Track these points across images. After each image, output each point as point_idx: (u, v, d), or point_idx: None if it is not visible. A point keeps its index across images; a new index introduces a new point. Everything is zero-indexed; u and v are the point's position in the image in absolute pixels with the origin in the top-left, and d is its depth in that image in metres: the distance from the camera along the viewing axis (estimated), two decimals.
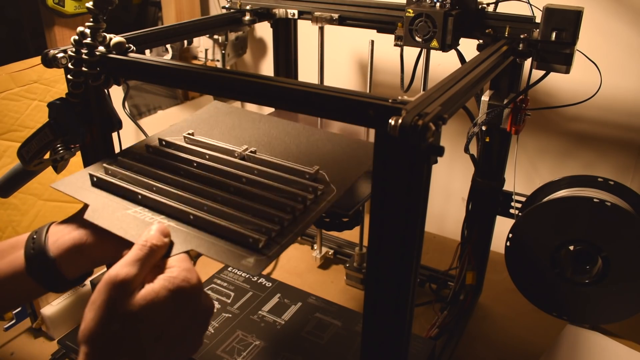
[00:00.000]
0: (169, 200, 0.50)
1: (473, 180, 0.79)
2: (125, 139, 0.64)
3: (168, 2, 1.22)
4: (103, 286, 0.41)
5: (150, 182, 0.52)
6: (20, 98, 0.84)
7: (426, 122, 0.37)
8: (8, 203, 0.82)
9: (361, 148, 0.61)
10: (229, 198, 0.49)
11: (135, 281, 0.42)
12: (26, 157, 0.59)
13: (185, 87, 1.01)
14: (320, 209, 0.49)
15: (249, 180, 0.52)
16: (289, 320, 0.74)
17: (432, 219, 1.02)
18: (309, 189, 0.51)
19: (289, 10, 0.86)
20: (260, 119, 0.68)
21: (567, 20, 0.61)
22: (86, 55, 0.54)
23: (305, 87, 0.45)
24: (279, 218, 0.47)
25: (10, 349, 0.80)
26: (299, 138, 0.63)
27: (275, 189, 0.51)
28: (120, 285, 0.41)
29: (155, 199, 0.50)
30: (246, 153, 0.57)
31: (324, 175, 0.53)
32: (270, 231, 0.45)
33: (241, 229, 0.46)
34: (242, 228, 0.46)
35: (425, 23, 0.67)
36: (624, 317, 0.69)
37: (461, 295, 0.83)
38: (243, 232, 0.45)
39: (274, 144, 0.61)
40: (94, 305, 0.41)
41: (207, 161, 0.55)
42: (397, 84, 0.81)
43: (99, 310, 0.41)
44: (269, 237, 0.45)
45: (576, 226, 0.67)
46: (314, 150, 0.60)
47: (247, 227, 0.46)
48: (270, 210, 0.48)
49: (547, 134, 1.00)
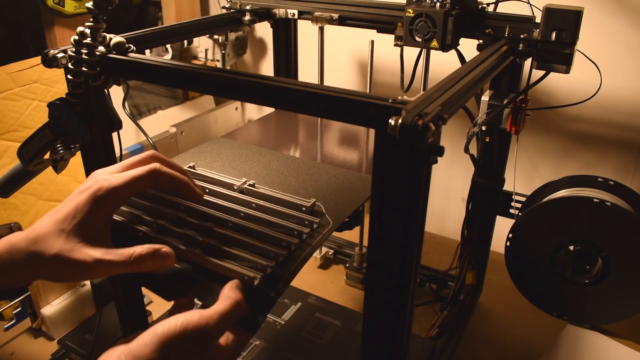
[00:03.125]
0: (169, 238, 0.50)
1: (473, 180, 0.79)
2: (125, 139, 0.64)
3: (168, 2, 1.22)
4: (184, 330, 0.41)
5: (150, 219, 0.52)
6: (20, 98, 0.84)
7: (426, 122, 0.37)
8: (8, 203, 0.82)
9: (359, 180, 0.62)
10: (227, 234, 0.50)
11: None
12: (26, 157, 0.59)
13: (185, 87, 1.01)
14: (314, 244, 0.50)
15: (247, 215, 0.53)
16: (289, 320, 0.74)
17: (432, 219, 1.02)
18: (305, 223, 0.51)
19: (289, 10, 0.86)
20: (260, 152, 0.70)
21: (567, 20, 0.61)
22: (86, 55, 0.54)
23: (305, 87, 0.45)
24: (274, 254, 0.47)
25: (10, 349, 0.80)
26: (298, 171, 0.65)
27: (272, 224, 0.51)
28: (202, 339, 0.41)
29: (155, 237, 0.50)
30: (245, 186, 0.58)
31: (320, 207, 0.54)
32: (265, 268, 0.46)
33: (237, 267, 0.46)
34: (238, 266, 0.46)
35: (425, 23, 0.67)
36: (624, 317, 0.69)
37: (461, 295, 0.83)
38: (239, 270, 0.46)
39: (272, 176, 0.63)
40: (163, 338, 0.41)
41: (207, 196, 0.55)
42: (397, 84, 0.81)
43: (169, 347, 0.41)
44: (264, 273, 0.46)
45: (576, 226, 0.67)
46: (312, 182, 0.61)
47: (243, 264, 0.47)
48: (266, 246, 0.48)
49: (547, 134, 1.00)
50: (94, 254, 0.44)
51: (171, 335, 0.40)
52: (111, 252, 0.44)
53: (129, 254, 0.44)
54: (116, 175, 0.46)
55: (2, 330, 0.81)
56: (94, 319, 0.80)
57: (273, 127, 0.87)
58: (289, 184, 0.61)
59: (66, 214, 0.45)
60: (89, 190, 0.45)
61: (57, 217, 0.45)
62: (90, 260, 0.44)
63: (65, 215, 0.45)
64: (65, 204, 0.46)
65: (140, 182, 0.47)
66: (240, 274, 0.45)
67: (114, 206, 0.47)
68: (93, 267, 0.44)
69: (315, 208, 0.54)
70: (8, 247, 0.46)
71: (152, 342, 0.40)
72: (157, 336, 0.40)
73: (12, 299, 0.81)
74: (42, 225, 0.45)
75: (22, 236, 0.46)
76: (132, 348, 0.41)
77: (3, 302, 0.80)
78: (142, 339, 0.41)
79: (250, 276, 0.45)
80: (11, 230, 0.49)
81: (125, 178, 0.46)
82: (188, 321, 0.41)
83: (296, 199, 0.55)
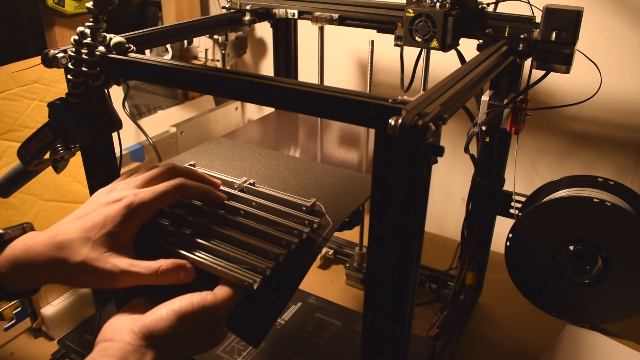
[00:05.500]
0: (170, 241, 0.50)
1: (473, 180, 0.79)
2: (125, 139, 0.64)
3: (168, 2, 1.22)
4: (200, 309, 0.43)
5: (149, 221, 0.52)
6: (20, 98, 0.84)
7: (426, 122, 0.37)
8: (8, 203, 0.82)
9: (359, 180, 0.62)
10: (227, 234, 0.50)
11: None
12: (26, 157, 0.59)
13: (185, 87, 1.01)
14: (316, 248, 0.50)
15: (247, 213, 0.53)
16: (289, 320, 0.74)
17: (432, 219, 1.02)
18: (305, 222, 0.51)
19: (289, 10, 0.86)
20: (260, 152, 0.70)
21: (567, 20, 0.61)
22: (86, 55, 0.54)
23: (305, 87, 0.45)
24: (274, 254, 0.47)
25: (10, 349, 0.80)
26: (298, 170, 0.64)
27: (272, 223, 0.51)
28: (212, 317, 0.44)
29: (157, 239, 0.50)
30: (245, 185, 0.58)
31: (320, 207, 0.54)
32: (265, 270, 0.46)
33: (237, 271, 0.46)
34: (237, 270, 0.46)
35: (425, 23, 0.67)
36: (624, 317, 0.69)
37: (461, 295, 0.83)
38: (238, 276, 0.46)
39: (273, 176, 0.63)
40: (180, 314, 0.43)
41: None
42: (397, 84, 0.81)
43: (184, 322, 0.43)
44: (264, 276, 0.46)
45: (576, 226, 0.67)
46: (312, 182, 0.61)
47: (243, 267, 0.47)
48: (266, 245, 0.48)
49: (547, 134, 1.00)
50: (120, 265, 0.45)
51: (189, 311, 0.43)
52: (137, 265, 0.45)
53: (155, 267, 0.46)
54: (145, 191, 0.48)
55: (2, 330, 0.81)
56: (94, 319, 0.80)
57: (273, 127, 0.87)
58: (289, 183, 0.61)
59: (94, 223, 0.45)
60: (120, 203, 0.46)
61: (84, 225, 0.45)
62: (116, 271, 0.45)
63: (93, 225, 0.45)
64: (90, 212, 0.46)
65: (167, 197, 0.49)
66: (240, 279, 0.45)
67: (141, 220, 0.48)
68: (118, 278, 0.45)
69: (315, 208, 0.54)
70: (25, 249, 0.46)
71: (169, 317, 0.42)
72: (175, 312, 0.43)
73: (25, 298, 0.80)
74: (66, 230, 0.45)
75: (42, 239, 0.46)
76: (146, 322, 0.42)
77: (3, 302, 0.80)
78: (156, 314, 0.43)
79: (249, 281, 0.45)
80: (24, 231, 0.49)
81: (155, 194, 0.48)
82: (205, 299, 0.44)
83: (296, 199, 0.55)
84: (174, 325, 0.42)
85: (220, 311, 0.44)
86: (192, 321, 0.43)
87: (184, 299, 0.44)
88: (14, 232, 0.48)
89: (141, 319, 0.43)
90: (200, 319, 0.43)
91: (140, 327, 0.42)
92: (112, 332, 0.43)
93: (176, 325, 0.42)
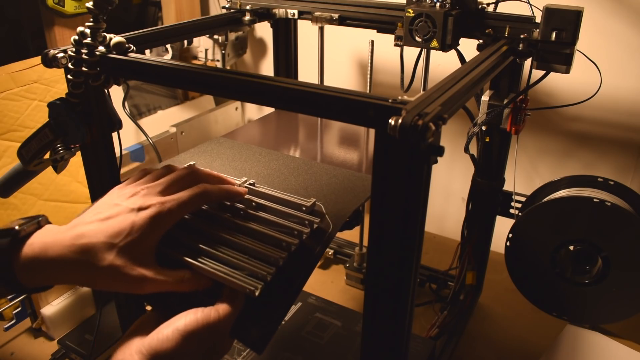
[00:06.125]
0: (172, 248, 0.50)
1: (473, 180, 0.79)
2: (125, 139, 0.64)
3: (168, 2, 1.22)
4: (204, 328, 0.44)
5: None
6: (20, 98, 0.84)
7: (426, 122, 0.37)
8: (8, 203, 0.82)
9: (359, 180, 0.62)
10: (228, 237, 0.50)
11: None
12: (26, 157, 0.59)
13: (185, 87, 1.01)
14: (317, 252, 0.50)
15: (247, 214, 0.53)
16: (289, 320, 0.74)
17: (432, 219, 1.02)
18: (305, 222, 0.51)
19: (289, 10, 0.86)
20: (260, 152, 0.70)
21: (567, 20, 0.61)
22: (86, 55, 0.54)
23: (305, 87, 0.45)
24: (274, 258, 0.47)
25: (10, 349, 0.80)
26: (298, 170, 0.64)
27: (272, 223, 0.51)
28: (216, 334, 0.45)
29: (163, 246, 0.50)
30: (245, 185, 0.58)
31: (320, 207, 0.54)
32: (265, 276, 0.46)
33: (238, 278, 0.46)
34: (238, 277, 0.46)
35: (425, 23, 0.67)
36: (624, 317, 0.69)
37: (461, 295, 0.83)
38: (239, 283, 0.46)
39: (273, 176, 0.63)
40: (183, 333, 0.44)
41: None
42: (397, 84, 0.81)
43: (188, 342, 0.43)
44: (265, 282, 0.46)
45: (576, 226, 0.67)
46: (312, 182, 0.61)
47: (244, 273, 0.47)
48: (266, 248, 0.48)
49: (547, 134, 1.00)
50: (146, 273, 0.45)
51: (193, 330, 0.43)
52: (162, 273, 0.46)
53: (180, 276, 0.47)
54: (171, 200, 0.48)
55: (2, 330, 0.81)
56: (94, 319, 0.80)
57: (273, 127, 0.87)
58: (289, 183, 0.61)
59: (120, 229, 0.45)
60: (147, 212, 0.46)
61: (110, 230, 0.45)
62: (143, 279, 0.45)
63: (119, 231, 0.45)
64: (114, 216, 0.46)
65: (192, 205, 0.49)
66: (242, 286, 0.45)
67: (166, 229, 0.48)
68: (143, 284, 0.45)
69: (316, 208, 0.54)
70: (44, 247, 0.45)
71: (175, 337, 0.43)
72: (179, 331, 0.43)
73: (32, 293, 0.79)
74: (90, 233, 0.45)
75: (64, 239, 0.45)
76: (152, 344, 0.43)
77: (3, 302, 0.80)
78: (162, 334, 0.43)
79: (250, 289, 0.45)
80: (39, 225, 0.48)
81: (180, 202, 0.48)
82: (208, 316, 0.44)
83: (296, 199, 0.55)
84: (179, 344, 0.43)
85: (224, 326, 0.45)
86: (197, 339, 0.43)
87: (188, 317, 0.44)
88: (30, 227, 0.47)
89: (148, 340, 0.43)
90: (205, 336, 0.44)
91: (147, 348, 0.43)
92: (123, 352, 0.44)
93: (181, 344, 0.43)
